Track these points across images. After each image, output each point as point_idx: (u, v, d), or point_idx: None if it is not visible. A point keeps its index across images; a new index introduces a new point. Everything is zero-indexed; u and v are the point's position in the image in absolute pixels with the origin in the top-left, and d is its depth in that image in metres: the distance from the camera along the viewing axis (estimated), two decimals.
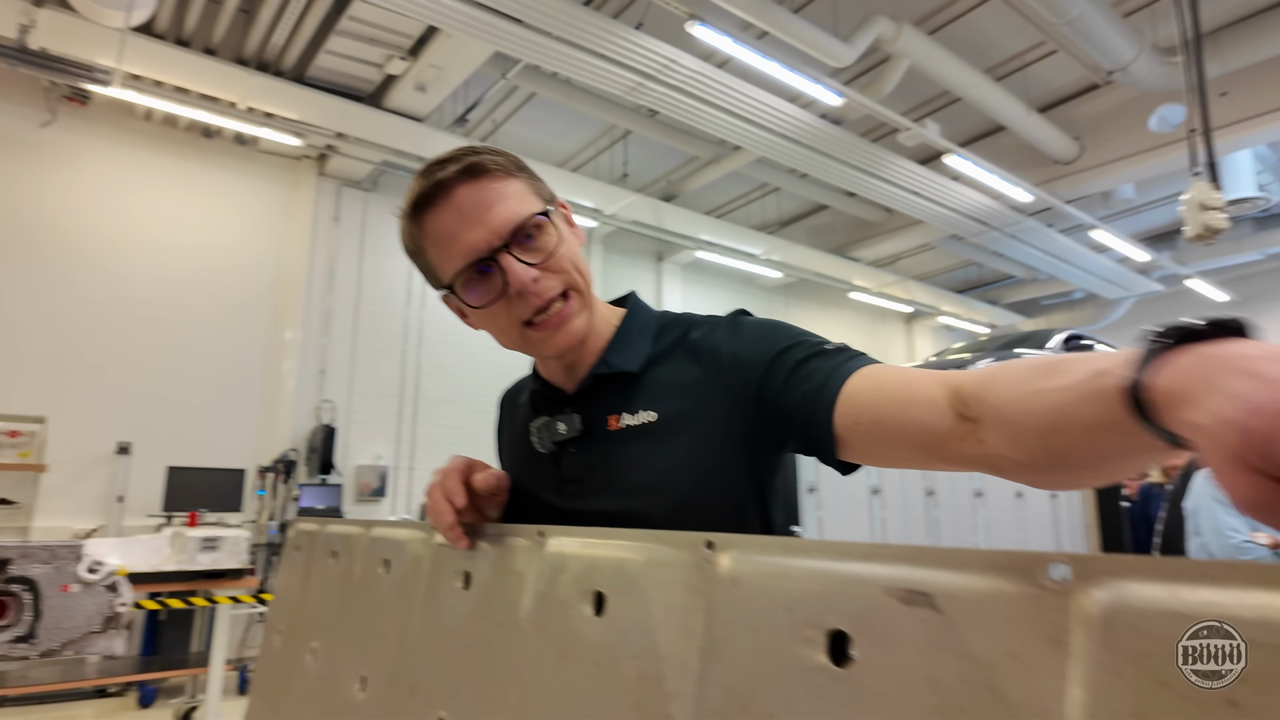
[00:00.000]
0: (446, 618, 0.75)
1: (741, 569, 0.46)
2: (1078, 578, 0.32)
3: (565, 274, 0.83)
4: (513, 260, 0.79)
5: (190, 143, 6.33)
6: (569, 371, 0.90)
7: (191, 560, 3.67)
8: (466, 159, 0.81)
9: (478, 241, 0.79)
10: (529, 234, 0.81)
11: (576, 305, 0.84)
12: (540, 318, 0.82)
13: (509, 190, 0.82)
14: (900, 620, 0.37)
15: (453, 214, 0.80)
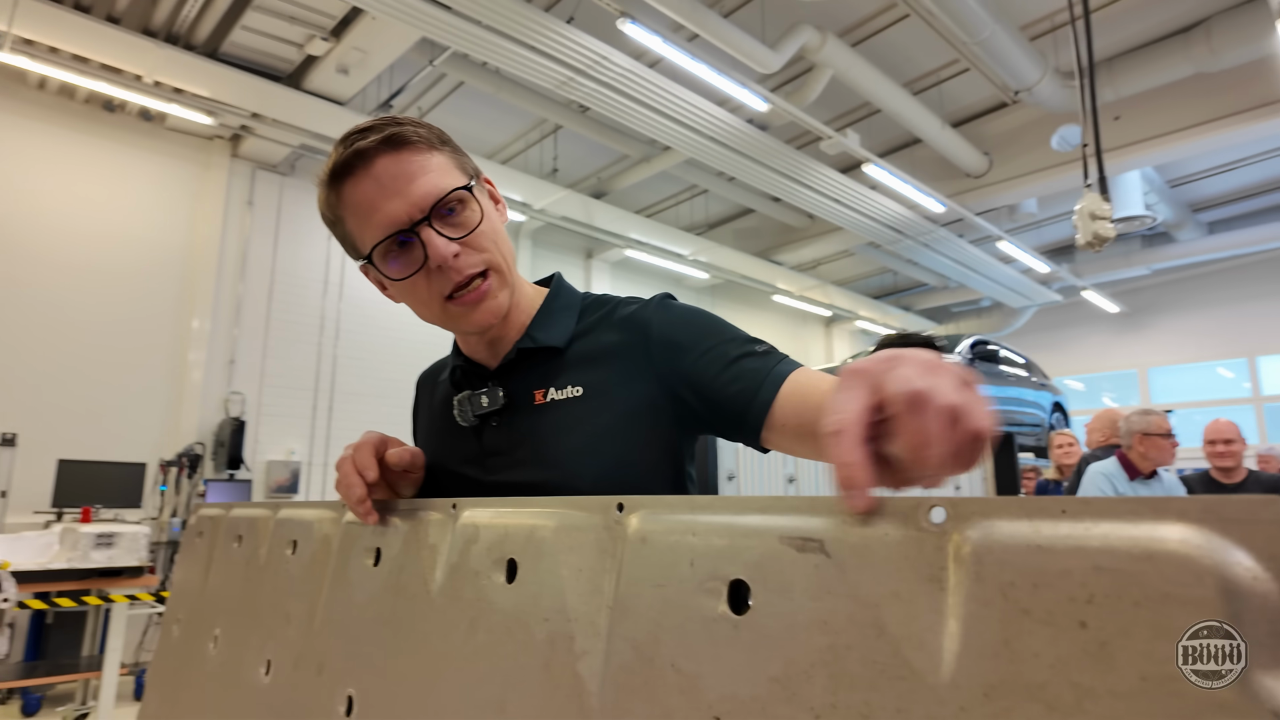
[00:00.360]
0: (356, 595, 0.74)
1: (650, 528, 0.47)
2: (953, 519, 0.34)
3: (486, 252, 0.82)
4: (433, 234, 0.78)
5: (89, 116, 5.95)
6: (492, 347, 0.91)
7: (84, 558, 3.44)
8: (388, 129, 0.79)
9: (398, 213, 0.78)
10: (451, 208, 0.80)
11: (496, 283, 0.84)
12: (460, 293, 0.81)
13: (431, 163, 0.80)
14: (795, 567, 0.39)
15: (373, 184, 0.78)
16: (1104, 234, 3.37)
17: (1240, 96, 6.34)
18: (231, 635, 0.98)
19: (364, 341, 7.10)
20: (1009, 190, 7.78)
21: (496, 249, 0.84)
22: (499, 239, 0.85)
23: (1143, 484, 3.15)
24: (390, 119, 0.81)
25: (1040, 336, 12.10)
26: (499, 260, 0.84)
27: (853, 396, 0.41)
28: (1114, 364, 11.86)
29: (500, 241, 0.85)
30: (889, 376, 0.41)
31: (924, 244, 8.50)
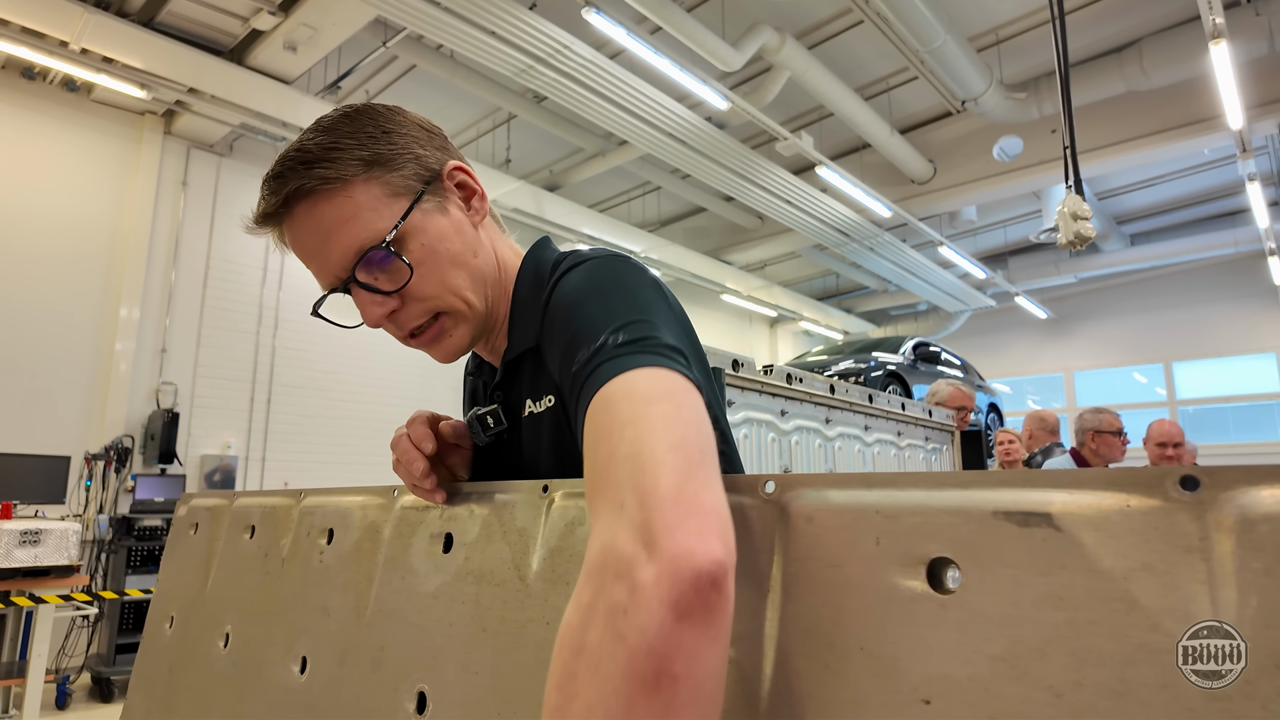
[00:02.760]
0: (422, 584, 0.69)
1: (816, 506, 0.45)
2: (1209, 488, 0.33)
3: (429, 299, 0.73)
4: (363, 297, 0.72)
5: (6, 83, 5.54)
6: (491, 348, 0.85)
7: (8, 556, 3.20)
8: (290, 180, 0.70)
9: (324, 277, 0.73)
10: (381, 268, 0.72)
11: (449, 323, 0.76)
12: (416, 335, 0.76)
13: (346, 210, 0.70)
14: (1016, 542, 0.37)
15: (295, 243, 0.74)
16: (1085, 234, 3.51)
17: (1168, 115, 6.70)
18: (248, 633, 0.91)
19: (305, 333, 6.84)
20: (951, 197, 8.04)
21: (445, 290, 0.73)
22: (449, 274, 0.73)
23: None
24: (296, 159, 0.71)
25: (974, 340, 12.57)
26: (449, 300, 0.74)
27: None
28: (1042, 367, 12.42)
29: (451, 277, 0.74)
30: None
31: (869, 248, 8.71)
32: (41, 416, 5.36)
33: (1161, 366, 11.22)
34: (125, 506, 5.43)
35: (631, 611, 0.41)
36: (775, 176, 7.04)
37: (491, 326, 0.80)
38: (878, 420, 2.28)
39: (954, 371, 8.33)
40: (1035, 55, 6.66)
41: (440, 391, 7.77)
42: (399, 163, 0.73)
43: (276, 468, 6.51)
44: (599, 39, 5.39)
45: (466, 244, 0.76)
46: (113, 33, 4.95)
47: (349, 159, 0.70)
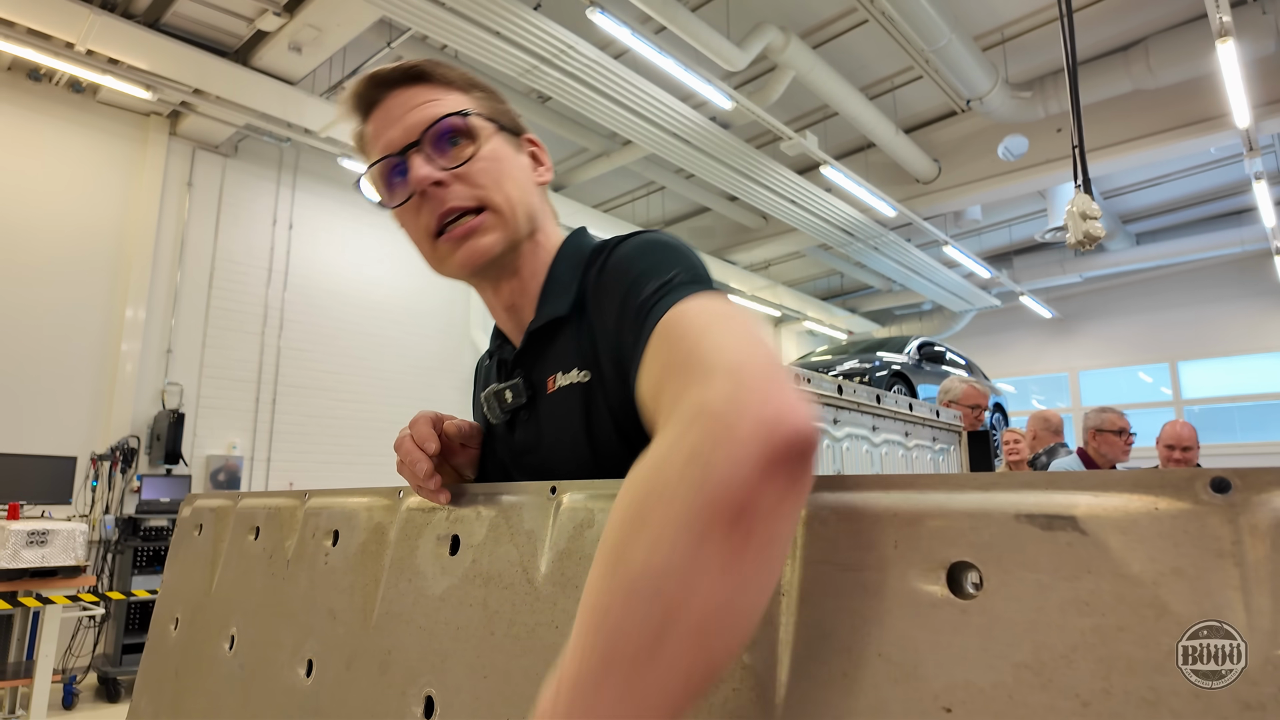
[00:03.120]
0: (429, 587, 0.68)
1: (828, 508, 0.44)
2: (1241, 490, 0.32)
3: (481, 189, 0.76)
4: (418, 159, 0.75)
5: (12, 84, 5.56)
6: (514, 318, 0.83)
7: (15, 557, 3.20)
8: (412, 65, 0.79)
9: (393, 138, 0.77)
10: (453, 140, 0.77)
11: (490, 221, 0.76)
12: (448, 228, 0.75)
13: (445, 98, 0.78)
14: (1040, 546, 0.36)
15: (383, 113, 0.78)
16: (1095, 233, 3.48)
17: (1175, 113, 6.67)
18: (254, 635, 0.91)
19: (309, 333, 6.85)
20: (956, 197, 8.01)
21: (498, 189, 0.77)
22: (506, 181, 0.78)
23: None
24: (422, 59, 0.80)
25: (978, 339, 12.53)
26: (497, 200, 0.76)
27: None
28: (1046, 367, 12.37)
29: (507, 184, 0.78)
30: None
31: (873, 247, 8.69)
32: (48, 417, 5.37)
33: (1167, 366, 11.18)
34: (131, 507, 5.45)
35: (722, 447, 0.39)
36: (780, 176, 7.03)
37: (515, 267, 0.80)
38: (885, 420, 2.27)
39: (959, 371, 8.31)
40: (1041, 54, 6.63)
41: (444, 392, 7.77)
42: (496, 99, 0.83)
43: (281, 468, 6.52)
44: (603, 38, 5.38)
45: (526, 181, 0.81)
46: (118, 34, 4.96)
47: (461, 78, 0.81)
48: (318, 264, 7.00)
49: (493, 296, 0.83)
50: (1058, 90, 6.74)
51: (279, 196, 6.85)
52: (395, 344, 7.47)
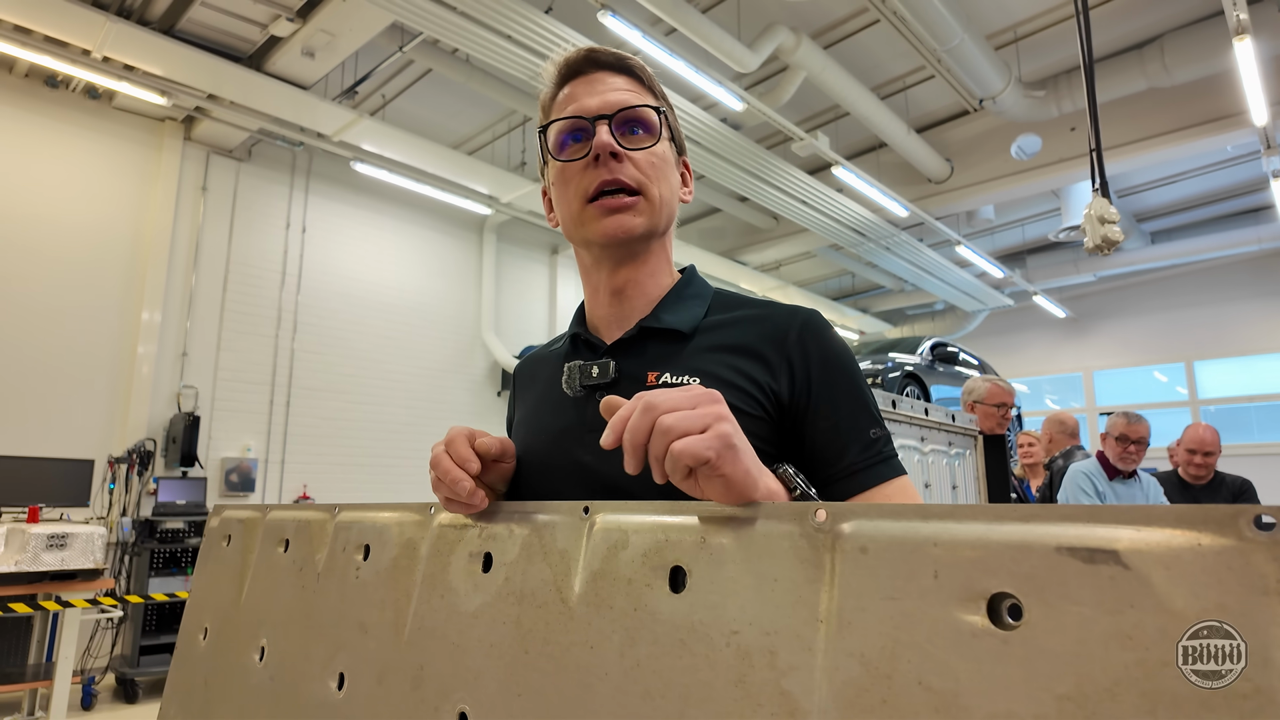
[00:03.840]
0: (462, 604, 0.69)
1: (870, 537, 0.45)
2: None
3: (645, 176, 0.85)
4: (605, 129, 0.84)
5: (30, 91, 5.63)
6: (617, 310, 0.90)
7: (34, 560, 3.24)
8: (628, 58, 0.90)
9: (589, 105, 0.86)
10: (635, 129, 0.86)
11: (642, 205, 0.85)
12: (603, 197, 0.84)
13: (638, 93, 0.88)
14: (1082, 579, 0.37)
15: (586, 82, 0.88)
16: (1113, 237, 3.46)
17: (1190, 111, 6.62)
18: (284, 647, 0.92)
19: (323, 336, 6.90)
20: (969, 196, 7.98)
21: (658, 181, 0.86)
22: (663, 181, 0.87)
23: (1122, 484, 3.20)
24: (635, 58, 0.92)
25: (991, 340, 12.47)
26: (653, 191, 0.86)
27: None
28: (1060, 367, 12.30)
29: (663, 183, 0.87)
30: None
31: (885, 247, 8.66)
32: (66, 420, 5.44)
33: (1183, 366, 11.08)
34: (148, 509, 5.50)
35: None
36: (790, 177, 7.02)
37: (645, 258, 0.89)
38: (900, 426, 2.27)
39: (972, 372, 8.27)
40: (1054, 53, 6.59)
41: (455, 393, 7.81)
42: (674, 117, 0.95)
43: (295, 469, 6.57)
44: (614, 41, 5.38)
45: (675, 188, 0.92)
46: (134, 41, 5.01)
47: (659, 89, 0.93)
48: (330, 267, 7.05)
49: (608, 276, 0.89)
50: (1072, 89, 6.70)
51: (292, 200, 6.90)
52: (407, 346, 7.51)
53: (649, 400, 0.55)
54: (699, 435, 0.53)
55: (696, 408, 0.55)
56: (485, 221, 8.19)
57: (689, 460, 0.52)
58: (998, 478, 2.68)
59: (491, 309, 8.12)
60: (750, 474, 0.54)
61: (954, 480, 2.58)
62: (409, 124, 6.92)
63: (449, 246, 8.01)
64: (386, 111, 7.07)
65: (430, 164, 6.76)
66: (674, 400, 0.55)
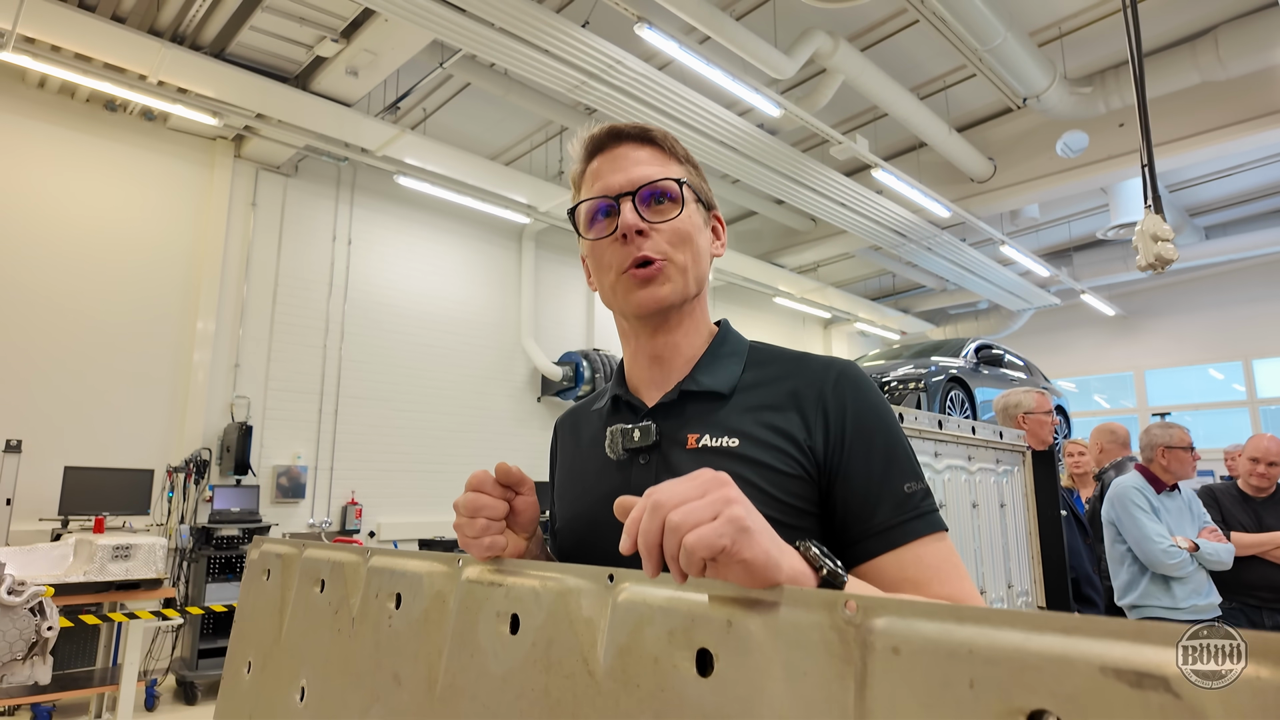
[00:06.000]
0: (491, 665, 0.69)
1: (902, 636, 0.43)
2: None
3: (667, 245, 0.87)
4: (629, 206, 0.86)
5: (90, 115, 5.86)
6: (655, 373, 0.92)
7: (101, 570, 3.37)
8: (647, 129, 0.91)
9: (613, 183, 0.88)
10: (661, 200, 0.88)
11: (672, 272, 0.87)
12: (635, 269, 0.86)
13: (661, 163, 0.90)
14: (1127, 704, 0.35)
15: (609, 159, 0.90)
16: (1166, 255, 3.34)
17: (1245, 104, 6.36)
18: (323, 689, 0.93)
19: (369, 345, 7.04)
20: (1013, 195, 7.79)
21: (684, 249, 0.88)
22: (690, 247, 0.89)
23: (1167, 496, 3.10)
24: (654, 128, 0.92)
25: (1037, 339, 12.14)
26: (681, 258, 0.87)
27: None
28: (1109, 366, 11.92)
29: (691, 249, 0.89)
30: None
31: (926, 247, 8.50)
32: (128, 431, 5.64)
33: (1240, 364, 10.64)
34: (204, 516, 5.67)
35: None
36: (828, 179, 6.94)
37: (678, 323, 0.91)
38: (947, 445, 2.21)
39: (1018, 374, 8.06)
40: (1101, 48, 6.40)
41: (497, 400, 7.89)
42: (701, 176, 0.95)
43: (343, 476, 6.71)
44: (649, 51, 5.39)
45: (705, 251, 0.93)
46: (187, 65, 5.18)
47: (681, 152, 0.93)
48: (375, 278, 7.18)
49: (646, 342, 0.92)
50: (1120, 85, 6.49)
51: (338, 214, 7.05)
52: (450, 354, 7.61)
53: (656, 499, 0.54)
54: (710, 524, 0.52)
55: (705, 496, 0.54)
56: (524, 230, 8.26)
57: (704, 552, 0.51)
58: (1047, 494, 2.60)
59: (531, 316, 8.19)
60: (770, 555, 0.52)
61: (1002, 498, 2.51)
62: (449, 137, 7.02)
63: (489, 255, 8.10)
64: (427, 125, 7.18)
65: (470, 175, 6.85)
66: (681, 493, 0.54)
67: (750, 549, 0.51)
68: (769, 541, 0.53)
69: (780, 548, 0.55)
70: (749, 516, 0.53)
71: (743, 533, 0.52)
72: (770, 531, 0.55)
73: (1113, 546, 2.97)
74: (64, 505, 4.88)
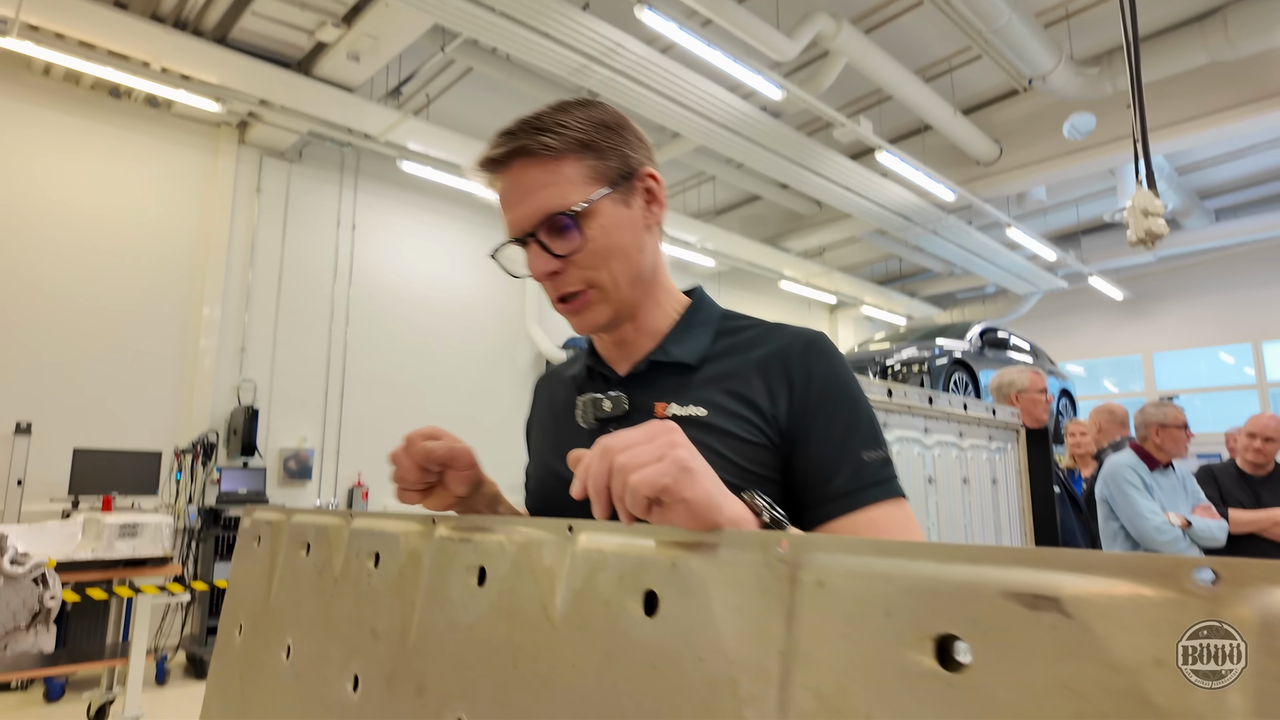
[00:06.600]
0: (459, 616, 0.72)
1: (828, 571, 0.45)
2: (1226, 584, 0.32)
3: (589, 270, 0.83)
4: (535, 251, 0.83)
5: (94, 102, 5.88)
6: (623, 351, 0.92)
7: (109, 548, 3.43)
8: (520, 139, 0.82)
9: (514, 223, 0.84)
10: (563, 231, 0.82)
11: (595, 298, 0.85)
12: (564, 302, 0.86)
13: (551, 178, 0.81)
14: (1025, 626, 0.36)
15: (505, 188, 0.85)
16: (1157, 231, 3.32)
17: (1255, 85, 6.28)
18: (307, 647, 0.96)
19: (374, 328, 7.08)
20: (1019, 178, 7.73)
21: (604, 266, 0.84)
22: (613, 260, 0.84)
23: (1161, 474, 3.11)
24: (533, 122, 0.82)
25: (1044, 322, 12.09)
26: (603, 278, 0.84)
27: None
28: (1118, 349, 11.86)
29: (614, 262, 0.84)
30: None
31: (932, 231, 8.46)
32: (136, 414, 5.71)
33: (1250, 346, 10.57)
34: (212, 498, 5.74)
35: None
36: (832, 162, 6.90)
37: (627, 318, 0.89)
38: (938, 422, 2.22)
39: (1023, 357, 8.04)
40: (1108, 29, 6.32)
41: (500, 383, 7.93)
42: (608, 155, 0.84)
43: (350, 459, 6.77)
44: (650, 34, 5.36)
45: (636, 239, 0.86)
46: (190, 52, 5.19)
47: (570, 137, 0.82)
48: (380, 263, 7.21)
49: (607, 336, 0.92)
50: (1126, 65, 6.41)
51: (341, 199, 7.07)
52: (454, 338, 7.65)
53: (604, 444, 0.56)
54: (655, 465, 0.53)
55: (652, 441, 0.55)
56: None
57: (646, 490, 0.53)
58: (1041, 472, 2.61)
59: (535, 300, 8.21)
60: (712, 496, 0.54)
61: (994, 475, 2.52)
62: (452, 122, 7.01)
63: (493, 240, 8.11)
64: (430, 111, 7.17)
65: (473, 160, 6.84)
66: (628, 438, 0.56)
67: (692, 488, 0.53)
68: (711, 484, 0.55)
69: (723, 492, 0.57)
70: (692, 459, 0.55)
71: (685, 473, 0.53)
72: (714, 476, 0.57)
73: (1106, 524, 2.99)
74: (74, 486, 4.96)
